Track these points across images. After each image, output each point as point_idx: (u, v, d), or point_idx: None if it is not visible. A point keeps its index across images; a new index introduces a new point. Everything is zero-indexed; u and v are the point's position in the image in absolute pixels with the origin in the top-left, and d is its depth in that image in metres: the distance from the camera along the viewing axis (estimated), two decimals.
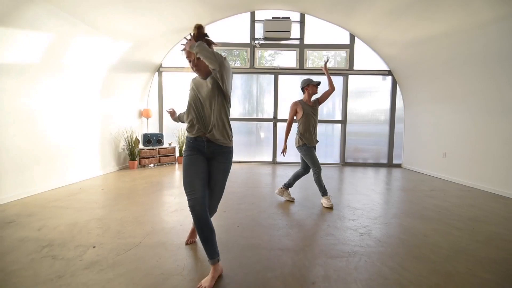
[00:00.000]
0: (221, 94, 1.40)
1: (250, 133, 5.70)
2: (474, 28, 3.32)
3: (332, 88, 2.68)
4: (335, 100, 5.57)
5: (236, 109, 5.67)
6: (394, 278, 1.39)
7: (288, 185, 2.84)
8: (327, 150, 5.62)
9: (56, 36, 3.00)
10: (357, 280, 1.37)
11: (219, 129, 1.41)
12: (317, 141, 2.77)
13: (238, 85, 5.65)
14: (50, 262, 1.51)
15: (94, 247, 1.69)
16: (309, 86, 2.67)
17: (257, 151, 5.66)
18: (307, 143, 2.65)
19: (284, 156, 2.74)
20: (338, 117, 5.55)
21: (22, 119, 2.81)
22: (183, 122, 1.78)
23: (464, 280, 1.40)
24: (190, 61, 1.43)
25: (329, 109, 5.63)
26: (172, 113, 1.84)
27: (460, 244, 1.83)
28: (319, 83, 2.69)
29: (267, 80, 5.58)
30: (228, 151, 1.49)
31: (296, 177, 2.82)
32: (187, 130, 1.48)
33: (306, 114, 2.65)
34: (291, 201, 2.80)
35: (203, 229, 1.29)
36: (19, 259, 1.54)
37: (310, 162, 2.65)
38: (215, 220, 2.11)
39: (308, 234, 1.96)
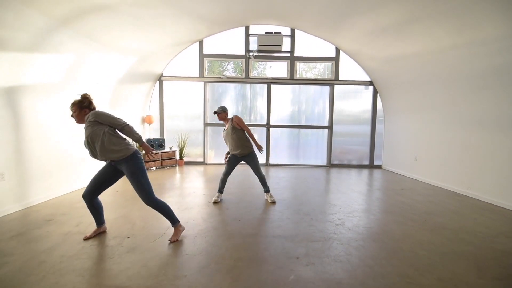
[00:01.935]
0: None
1: None
2: (437, 52, 3.92)
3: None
4: (324, 106, 6.13)
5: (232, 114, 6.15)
6: (356, 254, 1.93)
7: (267, 189, 3.26)
8: (317, 153, 6.19)
9: (74, 56, 3.40)
10: (328, 255, 1.90)
11: None
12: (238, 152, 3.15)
13: (234, 93, 6.13)
14: (97, 248, 1.97)
15: (128, 237, 2.15)
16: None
17: None
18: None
19: (261, 152, 3.20)
20: (325, 123, 6.12)
21: (45, 130, 3.19)
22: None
23: (404, 255, 1.95)
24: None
25: (319, 115, 6.19)
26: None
27: (410, 231, 2.40)
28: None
29: (261, 88, 6.08)
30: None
31: (261, 180, 3.25)
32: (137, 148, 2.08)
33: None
34: (272, 203, 3.18)
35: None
36: (71, 247, 1.99)
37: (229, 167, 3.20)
38: (220, 215, 2.62)
39: (295, 225, 2.48)
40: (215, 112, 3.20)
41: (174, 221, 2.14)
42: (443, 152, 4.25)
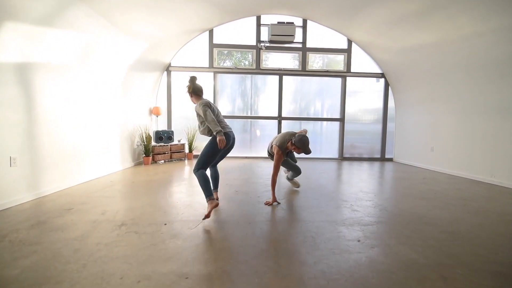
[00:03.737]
0: None
1: (254, 130, 6.04)
2: (459, 40, 3.90)
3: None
4: (336, 99, 6.05)
5: (240, 107, 5.99)
6: (416, 236, 1.82)
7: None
8: (328, 146, 6.10)
9: (87, 36, 3.16)
10: (390, 237, 1.78)
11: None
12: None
13: (243, 84, 5.97)
14: (135, 235, 1.78)
15: (165, 224, 1.97)
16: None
17: (260, 147, 6.00)
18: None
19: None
20: (337, 115, 6.04)
21: (58, 114, 2.91)
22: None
23: (465, 236, 1.85)
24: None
25: (330, 107, 6.11)
26: None
27: (456, 215, 2.31)
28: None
29: (263, 81, 5.96)
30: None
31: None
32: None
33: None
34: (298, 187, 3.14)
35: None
36: (106, 235, 1.79)
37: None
38: (255, 203, 2.46)
39: (338, 211, 2.36)
40: (294, 144, 2.53)
41: (207, 195, 2.09)
42: (462, 141, 4.24)
